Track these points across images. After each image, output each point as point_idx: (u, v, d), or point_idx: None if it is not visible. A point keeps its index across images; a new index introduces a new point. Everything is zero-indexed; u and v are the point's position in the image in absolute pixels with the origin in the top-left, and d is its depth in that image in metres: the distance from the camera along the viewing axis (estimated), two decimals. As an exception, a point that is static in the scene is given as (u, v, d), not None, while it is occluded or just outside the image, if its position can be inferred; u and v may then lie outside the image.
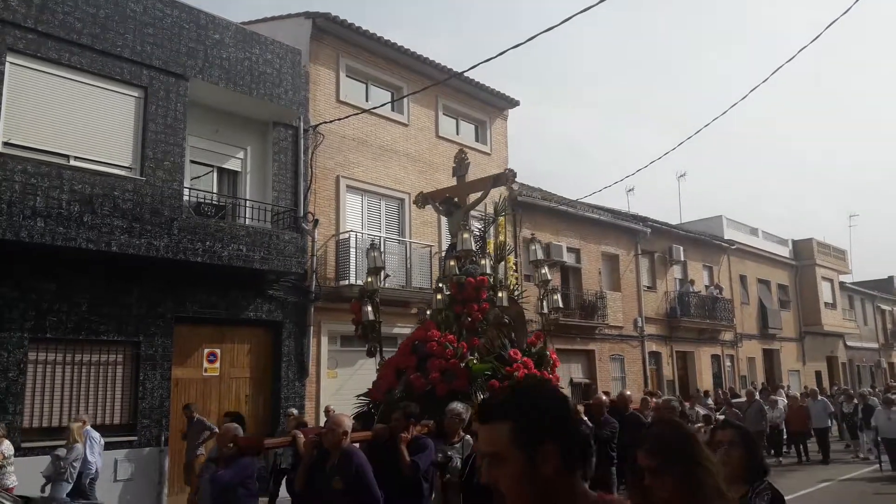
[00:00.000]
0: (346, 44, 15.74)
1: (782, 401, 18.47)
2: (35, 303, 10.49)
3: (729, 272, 29.08)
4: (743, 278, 30.16)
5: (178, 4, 12.34)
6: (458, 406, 5.82)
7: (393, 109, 16.57)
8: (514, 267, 9.31)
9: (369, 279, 7.85)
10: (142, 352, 11.45)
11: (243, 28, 13.61)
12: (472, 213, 10.07)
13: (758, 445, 3.11)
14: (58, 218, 10.32)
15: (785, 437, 18.03)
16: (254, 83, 13.27)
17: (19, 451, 9.83)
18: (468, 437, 5.68)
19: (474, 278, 7.09)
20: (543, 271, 7.74)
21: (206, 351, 12.52)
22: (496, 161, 19.43)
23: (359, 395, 8.87)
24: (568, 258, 21.02)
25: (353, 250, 14.63)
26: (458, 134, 18.65)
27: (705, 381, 26.06)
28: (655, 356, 24.38)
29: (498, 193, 9.93)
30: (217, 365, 12.59)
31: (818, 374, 33.93)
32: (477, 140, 19.26)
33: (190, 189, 12.43)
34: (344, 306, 14.55)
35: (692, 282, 26.31)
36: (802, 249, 34.86)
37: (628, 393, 9.28)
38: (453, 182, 17.71)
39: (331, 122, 14.84)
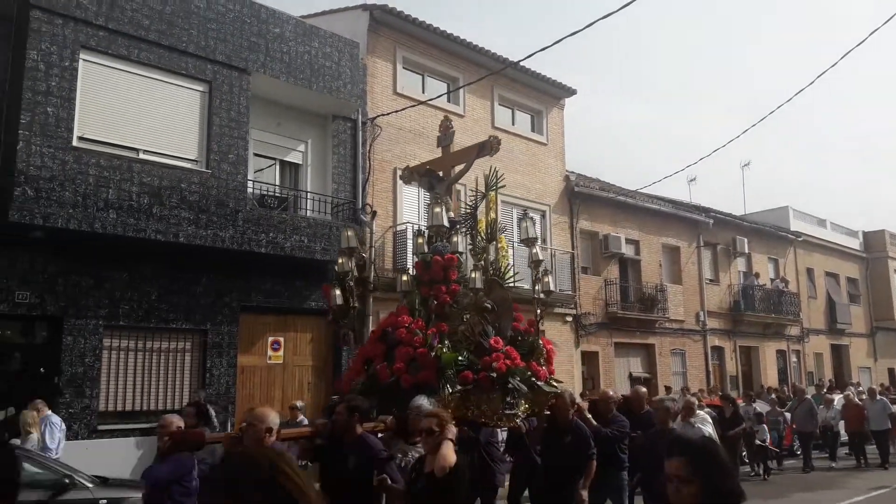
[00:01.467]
0: (403, 35, 15.80)
1: (839, 399, 17.08)
2: (108, 291, 10.89)
3: (795, 265, 28.09)
4: (810, 271, 29.08)
5: (240, -1, 12.60)
6: (422, 401, 5.10)
7: (449, 100, 16.53)
8: (505, 247, 8.16)
9: (340, 261, 6.92)
10: (209, 339, 11.78)
11: (303, 22, 13.81)
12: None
13: (725, 471, 2.32)
14: (128, 209, 10.68)
15: (845, 438, 16.71)
16: (313, 76, 13.44)
17: (95, 433, 10.22)
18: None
19: (442, 257, 6.19)
20: (534, 251, 6.84)
21: (271, 339, 12.79)
22: (553, 151, 19.24)
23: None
24: (626, 250, 20.65)
25: (409, 241, 14.68)
26: (513, 124, 18.52)
27: (770, 377, 25.25)
28: (718, 351, 23.74)
29: (489, 166, 8.33)
30: (281, 353, 12.85)
31: (891, 372, 32.47)
32: (533, 130, 19.09)
33: (253, 181, 12.70)
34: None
35: (757, 275, 25.52)
36: (874, 241, 33.36)
37: (644, 390, 8.30)
38: (511, 174, 17.89)
39: (388, 114, 14.93)
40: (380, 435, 5.36)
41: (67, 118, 10.32)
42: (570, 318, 18.64)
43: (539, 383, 6.11)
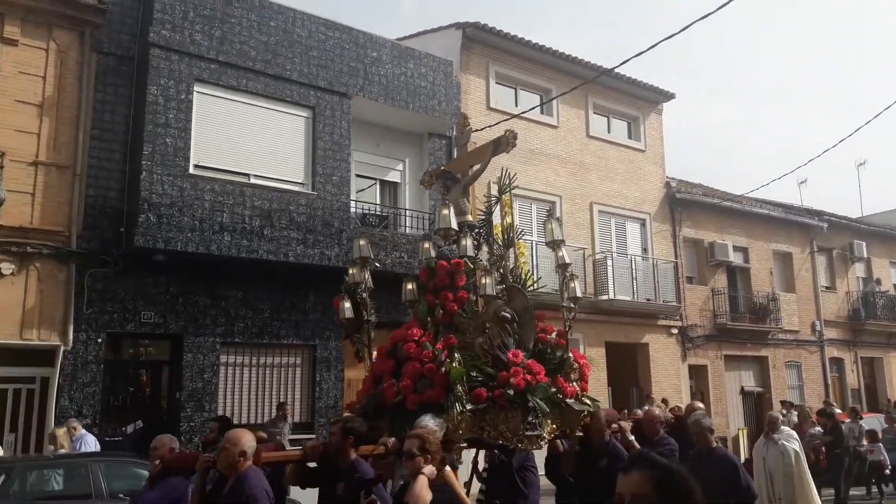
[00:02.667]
0: (496, 50, 15.93)
1: None
2: (225, 309, 11.51)
3: (922, 269, 25.99)
4: (940, 275, 26.82)
5: (339, 26, 13.11)
6: (428, 421, 4.64)
7: (542, 112, 16.50)
8: (524, 253, 7.07)
9: (352, 271, 6.39)
10: (318, 354, 12.21)
11: (398, 44, 14.19)
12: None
13: (687, 493, 1.94)
14: (241, 232, 11.28)
15: None
16: (410, 97, 13.77)
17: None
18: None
19: (448, 262, 5.60)
20: (560, 254, 6.08)
21: (375, 353, 13.05)
22: (652, 158, 18.77)
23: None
24: (734, 258, 19.77)
25: (507, 255, 14.70)
26: (609, 132, 18.23)
27: (897, 390, 23.42)
28: (837, 363, 22.27)
29: (503, 168, 7.09)
30: (383, 368, 13.10)
31: None
32: (630, 137, 18.71)
33: (356, 201, 13.11)
34: (501, 311, 14.74)
35: (878, 281, 23.80)
36: None
37: (657, 412, 6.94)
38: (608, 182, 17.63)
39: (482, 129, 15.00)
40: (374, 460, 4.93)
41: (184, 147, 11.04)
42: (675, 331, 18.04)
43: (569, 401, 5.46)
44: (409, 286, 5.88)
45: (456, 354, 5.03)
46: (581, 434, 5.71)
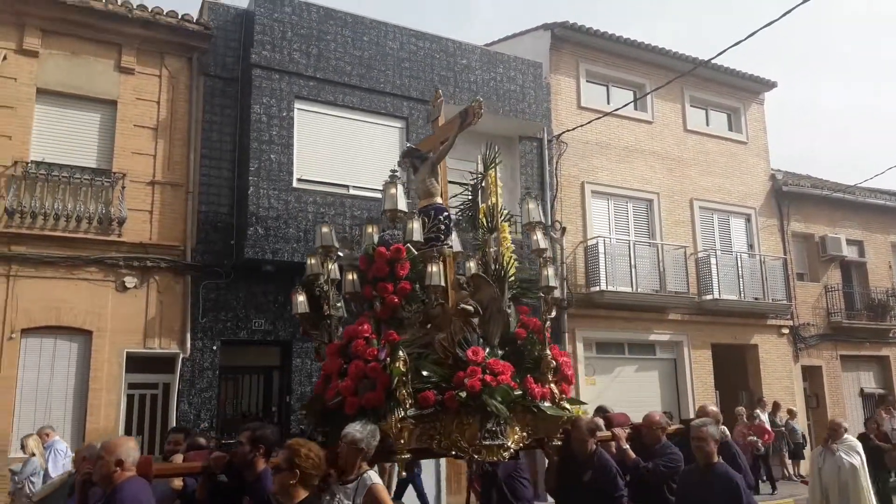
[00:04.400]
0: (585, 49, 15.73)
1: None
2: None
3: None
4: None
5: (429, 36, 13.34)
6: (354, 430, 4.10)
7: (636, 108, 16.13)
8: (508, 238, 6.06)
9: (311, 261, 5.58)
10: (415, 359, 12.44)
11: (487, 50, 14.28)
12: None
13: None
14: (343, 241, 11.65)
15: None
16: (499, 101, 13.82)
17: (322, 447, 11.20)
18: (367, 473, 4.07)
19: (387, 248, 4.86)
20: (536, 238, 5.16)
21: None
22: (754, 150, 17.97)
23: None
24: (848, 252, 18.60)
25: (601, 256, 14.50)
26: (707, 125, 17.59)
27: None
28: (971, 362, 20.49)
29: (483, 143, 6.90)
30: (481, 371, 13.20)
31: None
32: (730, 129, 17.98)
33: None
34: (597, 313, 14.55)
35: None
36: None
37: (657, 417, 5.87)
38: (708, 177, 17.00)
39: (573, 129, 14.90)
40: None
41: (288, 163, 11.55)
42: (786, 330, 17.17)
43: (544, 405, 4.72)
44: (350, 276, 5.18)
45: (400, 353, 4.40)
46: (560, 444, 5.06)
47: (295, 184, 11.63)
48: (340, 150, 12.21)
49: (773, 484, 13.68)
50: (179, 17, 11.44)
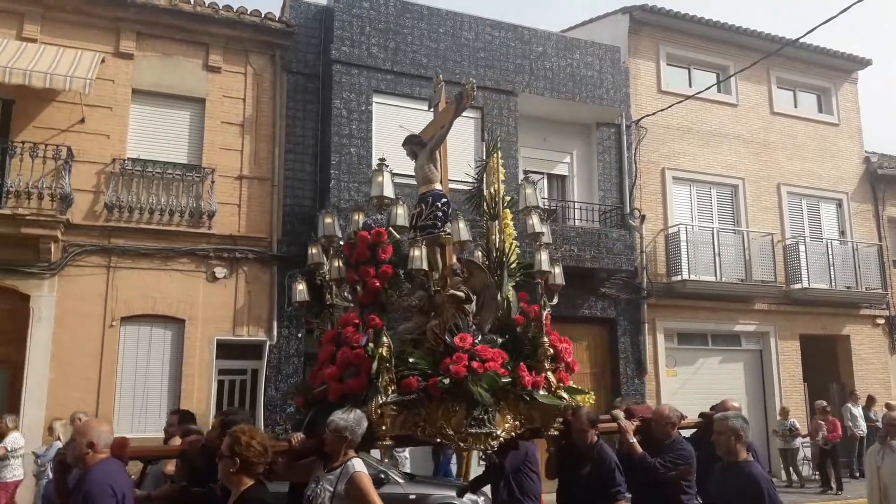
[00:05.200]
0: (666, 31, 15.29)
1: None
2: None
3: None
4: None
5: (505, 25, 13.29)
6: (339, 418, 4.08)
7: (719, 91, 15.60)
8: (509, 224, 5.67)
9: (312, 251, 5.58)
10: (492, 348, 12.52)
11: (563, 36, 14.11)
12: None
13: None
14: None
15: None
16: (576, 88, 13.64)
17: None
18: (352, 461, 4.03)
19: (369, 232, 4.81)
20: (531, 221, 5.06)
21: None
22: (846, 132, 17.07)
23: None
24: (954, 239, 17.44)
25: (683, 244, 14.14)
26: (796, 107, 16.82)
27: None
28: None
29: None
30: (559, 361, 13.18)
31: None
32: (820, 111, 17.13)
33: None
34: (678, 303, 14.22)
35: None
36: None
37: (667, 411, 5.39)
38: (797, 161, 16.27)
39: (653, 114, 14.54)
40: (287, 460, 4.40)
41: (367, 156, 11.78)
42: (881, 321, 16.32)
43: (539, 393, 4.59)
44: (336, 263, 5.13)
45: (384, 339, 4.34)
46: (558, 434, 4.88)
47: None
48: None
49: (839, 483, 13.05)
50: (263, 15, 11.82)
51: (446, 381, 4.29)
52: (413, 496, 8.57)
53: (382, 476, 8.47)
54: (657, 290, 14.05)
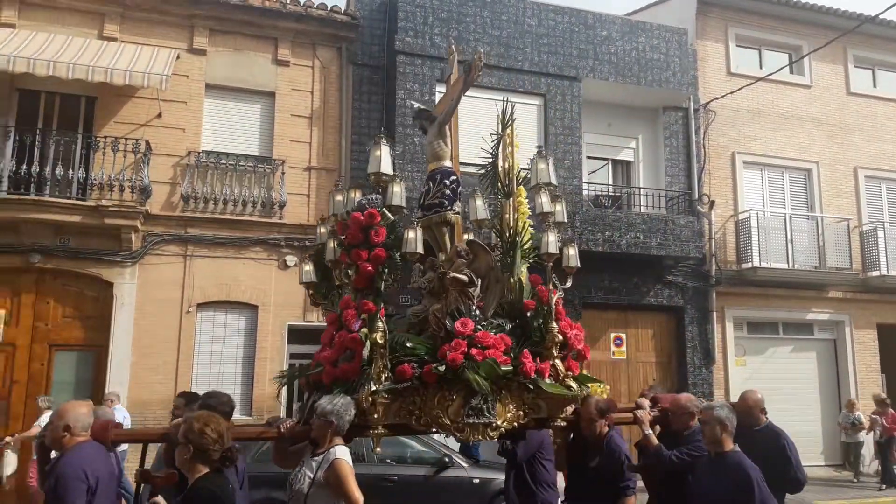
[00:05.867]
0: (735, 12, 14.83)
1: None
2: (469, 293, 12.28)
3: None
4: None
5: (568, 10, 13.15)
6: (325, 403, 3.99)
7: (792, 72, 15.04)
8: (523, 202, 5.23)
9: (321, 231, 5.44)
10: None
11: (628, 20, 13.86)
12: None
13: None
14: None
15: None
16: (641, 72, 13.40)
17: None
18: (335, 448, 3.95)
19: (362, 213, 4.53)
20: (541, 200, 4.76)
21: (613, 335, 13.10)
22: (932, 112, 16.19)
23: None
24: None
25: (754, 231, 13.76)
26: (875, 87, 16.06)
27: None
28: None
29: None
30: (623, 349, 13.09)
31: None
32: (902, 90, 16.30)
33: (588, 183, 13.14)
34: (748, 291, 13.87)
35: None
36: None
37: (683, 400, 4.98)
38: (876, 143, 15.56)
39: (722, 97, 14.15)
40: (277, 445, 4.32)
41: (429, 145, 11.89)
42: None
43: (545, 382, 4.35)
44: (332, 244, 4.88)
45: (380, 324, 4.14)
46: (565, 425, 4.64)
47: (437, 165, 11.95)
48: (479, 131, 12.35)
49: (885, 478, 12.49)
50: (329, 9, 12.04)
51: (441, 368, 4.09)
52: (477, 480, 8.67)
53: (447, 460, 8.62)
54: (726, 278, 13.73)
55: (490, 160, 5.68)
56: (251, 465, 7.77)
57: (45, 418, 8.80)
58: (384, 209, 4.47)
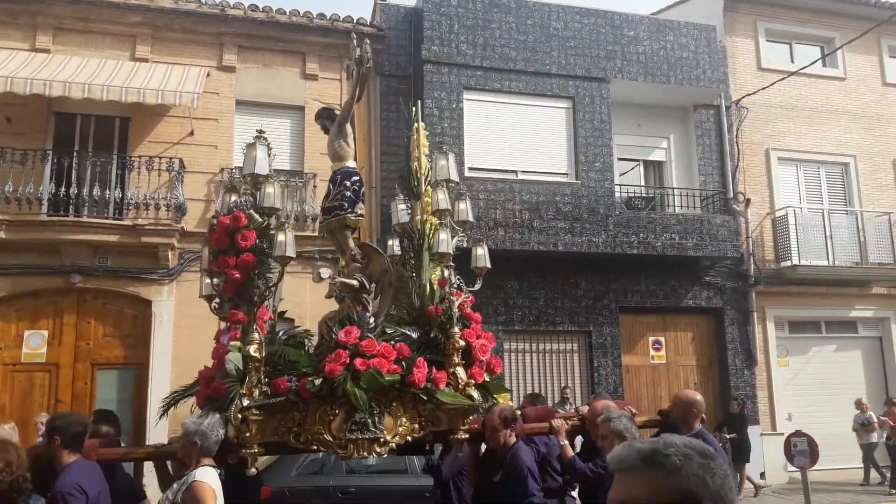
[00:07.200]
0: (763, 6, 14.60)
1: None
2: (504, 299, 12.19)
3: None
4: None
5: (594, 12, 13.06)
6: (190, 423, 3.76)
7: (824, 65, 14.76)
8: (429, 202, 4.80)
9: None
10: (593, 340, 12.37)
11: (655, 19, 13.72)
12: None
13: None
14: (513, 226, 11.85)
15: None
16: (671, 71, 13.24)
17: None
18: (198, 469, 3.69)
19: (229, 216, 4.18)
20: (439, 197, 4.49)
21: (651, 339, 12.91)
22: (972, 100, 15.74)
23: None
24: None
25: (792, 228, 13.47)
26: (912, 76, 15.66)
27: None
28: None
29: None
30: (663, 352, 12.88)
31: None
32: (941, 79, 15.87)
33: (620, 185, 12.99)
34: (788, 289, 13.57)
35: None
36: None
37: (698, 398, 4.58)
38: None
39: (754, 93, 13.91)
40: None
41: (459, 153, 11.83)
42: None
43: (443, 392, 4.03)
44: (205, 252, 4.54)
45: (255, 335, 3.83)
46: (467, 437, 4.28)
47: (466, 173, 11.90)
48: (508, 136, 12.34)
49: (887, 479, 12.04)
50: (355, 21, 12.10)
51: (317, 381, 3.78)
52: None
53: (404, 465, 8.10)
54: (765, 277, 13.45)
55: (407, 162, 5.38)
56: (296, 479, 7.83)
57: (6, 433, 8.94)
58: (251, 211, 4.09)
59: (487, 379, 4.40)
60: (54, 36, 11.24)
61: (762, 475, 12.20)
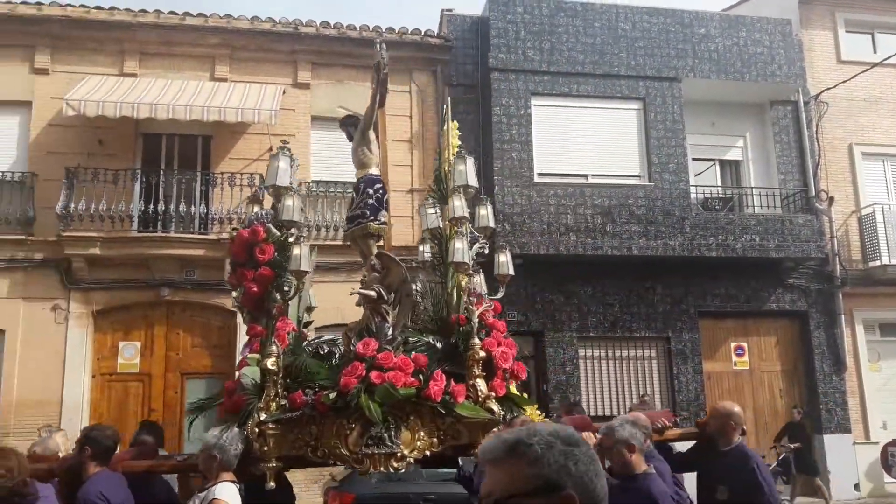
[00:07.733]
0: (842, -4, 14.08)
1: None
2: (577, 306, 12.08)
3: None
4: None
5: (663, 11, 12.87)
6: (210, 436, 3.73)
7: (911, 54, 14.06)
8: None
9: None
10: (672, 346, 12.10)
11: (727, 15, 13.42)
12: None
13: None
14: (585, 230, 11.75)
15: None
16: (744, 67, 12.89)
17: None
18: (218, 485, 3.62)
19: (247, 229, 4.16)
20: (456, 203, 4.31)
21: (734, 345, 12.54)
22: None
23: None
24: None
25: (880, 226, 12.87)
26: None
27: None
28: None
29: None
30: (745, 358, 12.48)
31: None
32: None
33: (695, 186, 12.70)
34: (878, 290, 12.96)
35: None
36: None
37: (736, 409, 4.30)
38: None
39: (834, 86, 13.38)
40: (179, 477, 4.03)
41: (528, 159, 11.86)
42: None
43: (462, 405, 3.88)
44: (227, 264, 4.50)
45: (273, 348, 3.82)
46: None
47: (536, 179, 11.91)
48: (577, 141, 12.26)
49: None
50: (423, 33, 12.28)
51: (332, 395, 3.73)
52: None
53: None
54: (853, 278, 12.88)
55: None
56: (376, 486, 7.96)
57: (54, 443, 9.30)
58: (269, 224, 4.11)
59: (513, 390, 4.31)
60: (140, 60, 11.84)
61: (856, 486, 11.62)
